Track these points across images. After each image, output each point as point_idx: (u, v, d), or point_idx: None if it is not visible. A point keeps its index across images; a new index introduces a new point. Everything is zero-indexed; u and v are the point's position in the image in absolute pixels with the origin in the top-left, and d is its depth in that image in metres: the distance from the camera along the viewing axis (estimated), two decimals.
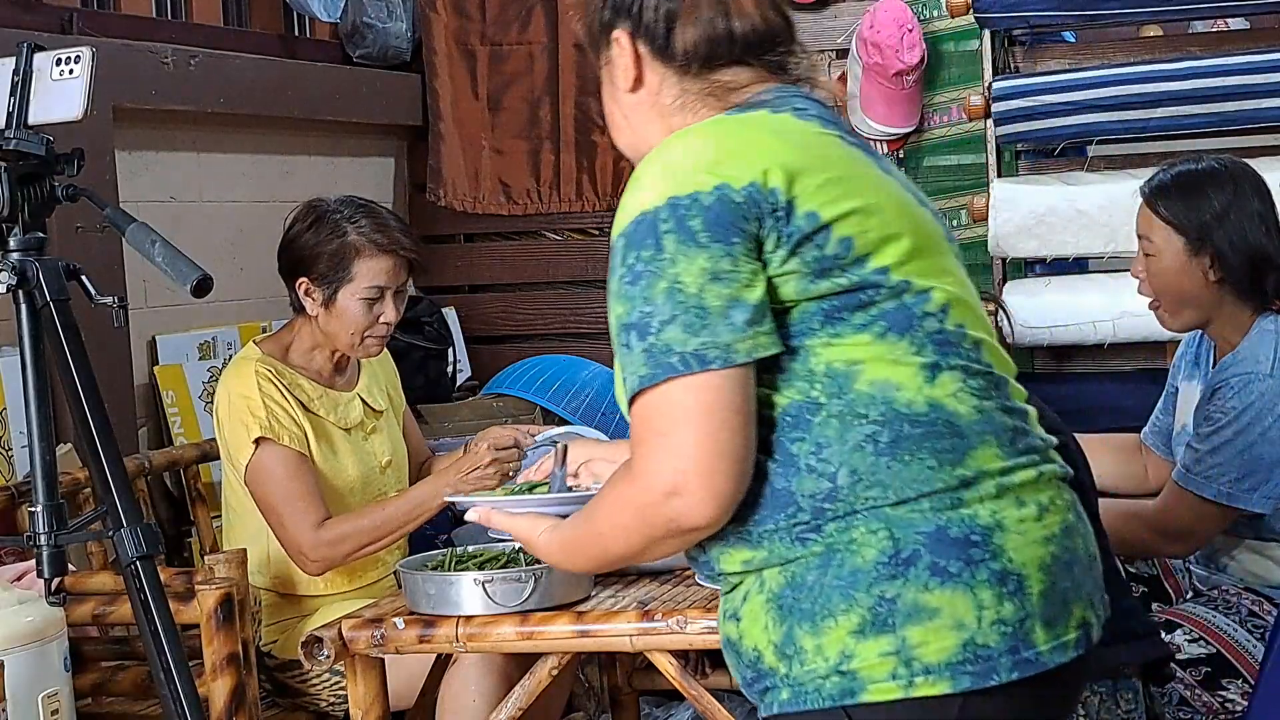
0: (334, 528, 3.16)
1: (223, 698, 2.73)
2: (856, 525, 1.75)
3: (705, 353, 1.71)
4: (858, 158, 1.86)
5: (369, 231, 3.27)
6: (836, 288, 1.77)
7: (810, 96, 1.93)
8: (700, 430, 1.72)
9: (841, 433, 1.76)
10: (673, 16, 1.90)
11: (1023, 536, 1.78)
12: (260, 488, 3.19)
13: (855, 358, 1.77)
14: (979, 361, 1.83)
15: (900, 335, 1.78)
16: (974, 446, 1.78)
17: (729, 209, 1.74)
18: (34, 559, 2.32)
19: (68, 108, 2.30)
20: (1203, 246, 2.97)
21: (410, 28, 5.16)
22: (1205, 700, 2.85)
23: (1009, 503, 1.79)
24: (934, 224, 1.90)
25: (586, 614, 2.56)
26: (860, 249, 1.78)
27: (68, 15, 3.97)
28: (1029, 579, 1.76)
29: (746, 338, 1.73)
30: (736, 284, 1.73)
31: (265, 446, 3.17)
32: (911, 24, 4.76)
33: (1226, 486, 2.89)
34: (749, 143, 1.80)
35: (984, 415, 1.80)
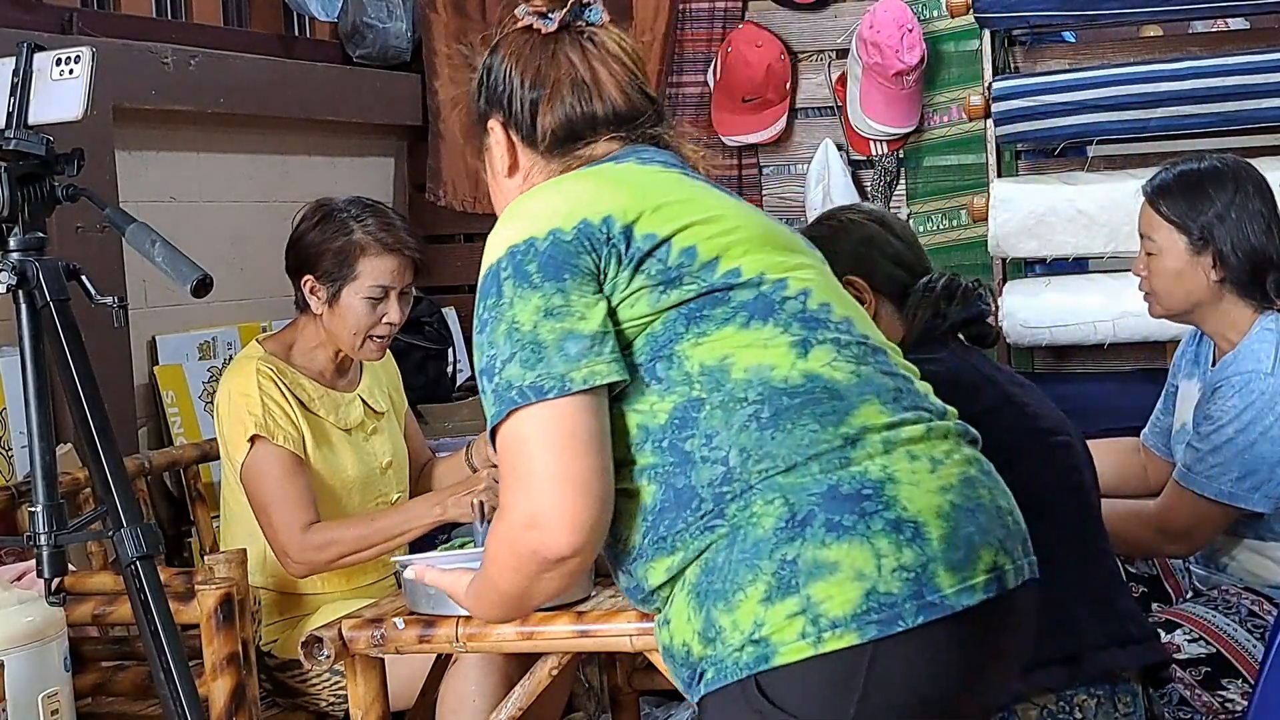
0: (321, 532, 3.15)
1: (223, 698, 2.73)
2: (754, 499, 1.82)
3: (542, 384, 1.81)
4: (699, 186, 2.00)
5: (375, 230, 3.27)
6: (689, 294, 1.87)
7: (662, 151, 2.06)
8: (547, 460, 1.81)
9: (726, 419, 1.84)
10: (536, 104, 2.05)
11: (916, 487, 1.83)
12: (253, 486, 3.19)
13: (725, 351, 1.86)
14: (850, 333, 1.93)
15: (764, 320, 1.88)
16: (855, 405, 1.86)
17: (560, 249, 1.86)
18: (34, 559, 2.32)
19: (68, 108, 2.30)
20: (1205, 246, 2.97)
21: (410, 28, 5.16)
22: (1205, 700, 2.85)
23: (899, 456, 1.85)
24: (788, 234, 2.03)
25: (586, 614, 2.56)
26: (705, 254, 1.89)
27: (68, 15, 3.97)
28: (926, 525, 1.81)
29: (581, 366, 1.82)
30: (570, 318, 1.84)
31: (260, 445, 3.17)
32: (911, 24, 4.77)
33: (1228, 486, 2.90)
34: (583, 190, 1.93)
35: (862, 378, 1.89)
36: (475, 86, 2.14)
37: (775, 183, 5.14)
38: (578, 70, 2.05)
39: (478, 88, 2.14)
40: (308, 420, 3.26)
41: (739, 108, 5.01)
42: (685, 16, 5.08)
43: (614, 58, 2.08)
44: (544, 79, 2.06)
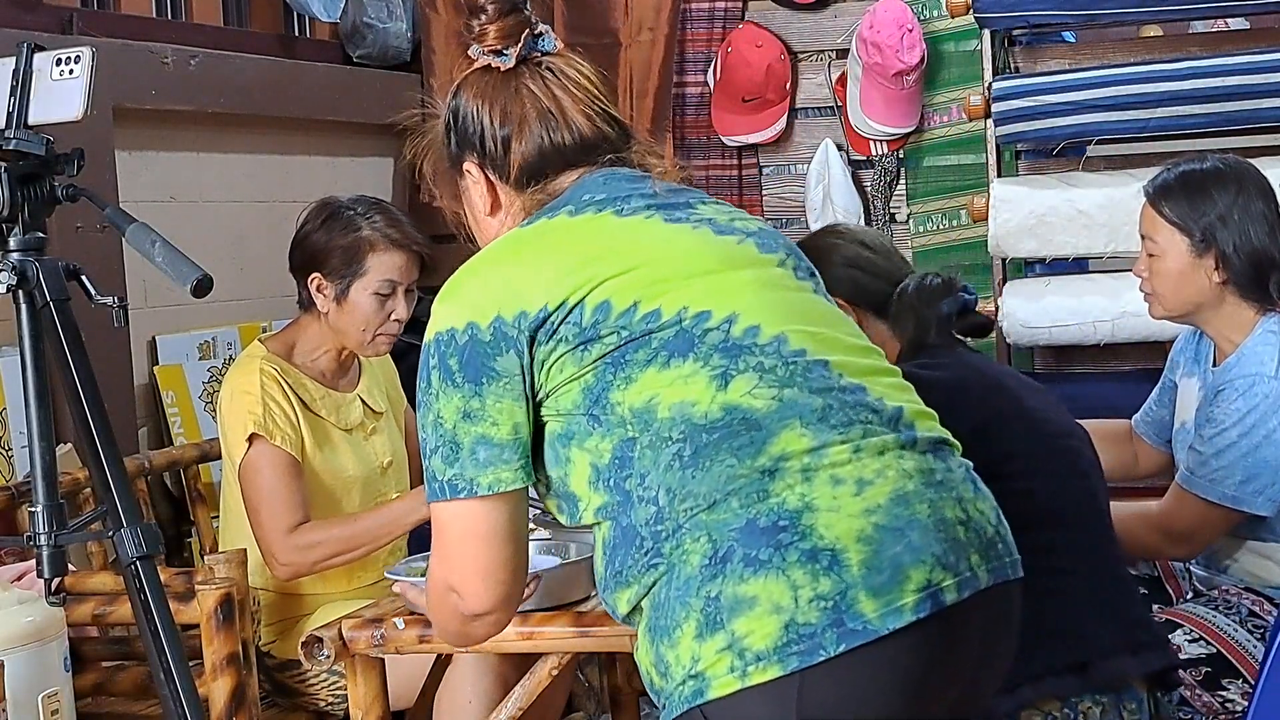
0: (306, 534, 3.15)
1: (223, 698, 2.73)
2: (684, 538, 1.85)
3: (456, 483, 1.97)
4: (630, 225, 2.01)
5: (382, 226, 3.29)
6: (610, 345, 1.91)
7: (613, 177, 2.07)
8: (460, 549, 2.00)
9: (655, 459, 1.88)
10: (508, 141, 2.09)
11: (836, 513, 1.83)
12: (247, 485, 3.20)
13: (651, 392, 1.90)
14: (780, 354, 1.92)
15: (684, 357, 1.90)
16: (774, 434, 1.86)
17: (478, 348, 1.95)
18: (34, 559, 2.32)
19: (68, 108, 2.30)
20: (1207, 248, 2.97)
21: (410, 28, 5.16)
22: (1205, 700, 2.85)
23: (820, 482, 1.85)
24: (733, 248, 2.02)
25: (586, 614, 2.56)
26: (620, 304, 1.92)
27: (68, 15, 3.97)
28: (845, 551, 1.81)
29: (489, 473, 1.95)
30: (483, 422, 1.95)
31: (258, 444, 3.17)
32: (911, 24, 4.77)
33: (1231, 489, 2.89)
34: (503, 276, 1.98)
35: (784, 402, 1.88)
36: (444, 131, 2.17)
37: (775, 183, 5.15)
38: (541, 101, 2.09)
39: (447, 132, 2.16)
40: (309, 421, 3.26)
41: (739, 108, 5.01)
42: (685, 16, 5.08)
43: (575, 84, 2.11)
44: (510, 115, 2.09)
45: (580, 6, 5.12)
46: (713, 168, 5.11)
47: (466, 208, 2.21)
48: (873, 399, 1.93)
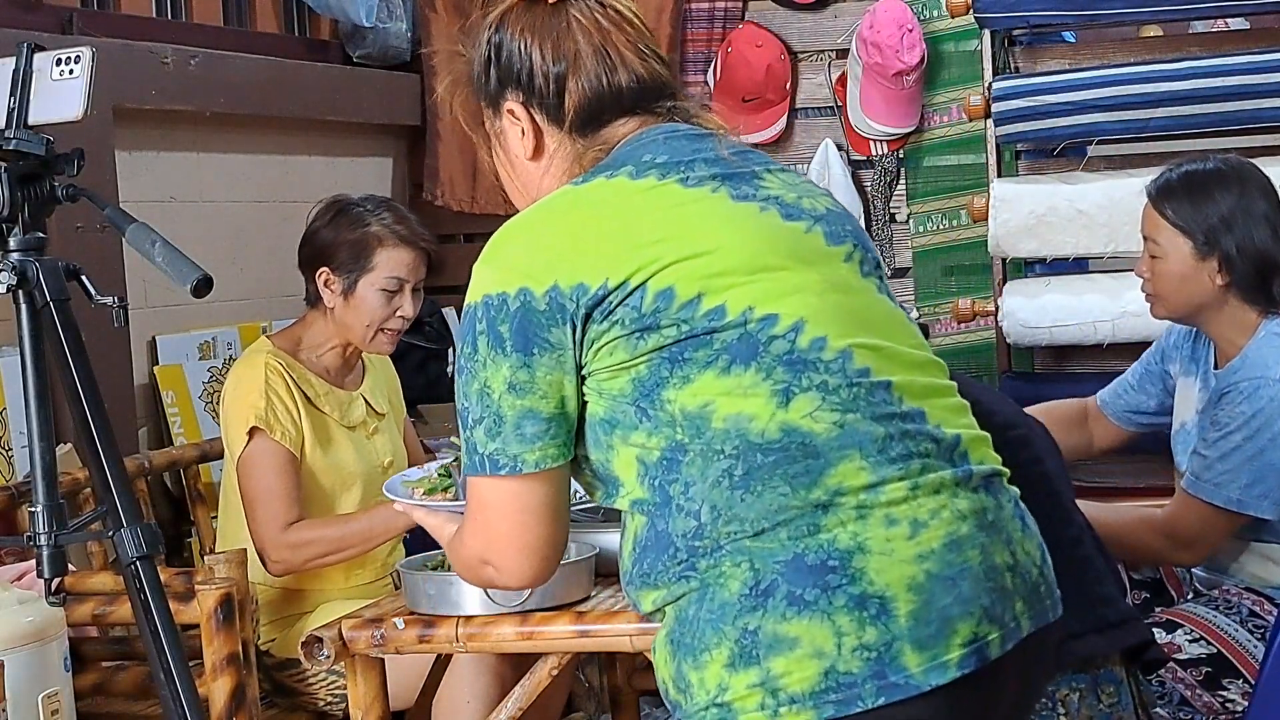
0: (298, 532, 3.16)
1: (223, 698, 2.73)
2: (723, 559, 1.78)
3: (498, 459, 1.86)
4: (696, 198, 1.87)
5: (391, 223, 3.32)
6: (668, 338, 1.80)
7: (674, 135, 1.94)
8: (502, 527, 1.89)
9: (703, 470, 1.79)
10: (561, 79, 1.94)
11: (888, 557, 1.75)
12: (245, 478, 3.20)
13: (706, 398, 1.80)
14: (845, 372, 1.81)
15: (746, 365, 1.80)
16: (832, 464, 1.77)
17: (530, 316, 1.82)
18: (34, 559, 2.32)
19: (68, 108, 2.30)
20: (1210, 251, 2.95)
21: (410, 28, 5.16)
22: (1206, 700, 2.85)
23: (875, 522, 1.76)
24: (798, 239, 1.89)
25: (586, 614, 2.56)
26: (684, 294, 1.80)
27: (68, 15, 3.97)
28: (895, 600, 1.74)
29: (535, 449, 1.85)
30: (532, 396, 1.84)
31: (258, 438, 3.18)
32: (911, 24, 4.77)
33: (1236, 493, 2.87)
34: (561, 239, 1.85)
35: (846, 429, 1.78)
36: (482, 67, 2.00)
37: None
38: (594, 37, 1.94)
39: (485, 68, 1.99)
40: (312, 416, 3.26)
41: (739, 108, 5.01)
42: (686, 16, 5.08)
43: (627, 22, 1.97)
44: (565, 51, 1.93)
45: None
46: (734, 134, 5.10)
47: (500, 152, 2.05)
48: (932, 426, 1.84)
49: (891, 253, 5.01)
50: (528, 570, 1.91)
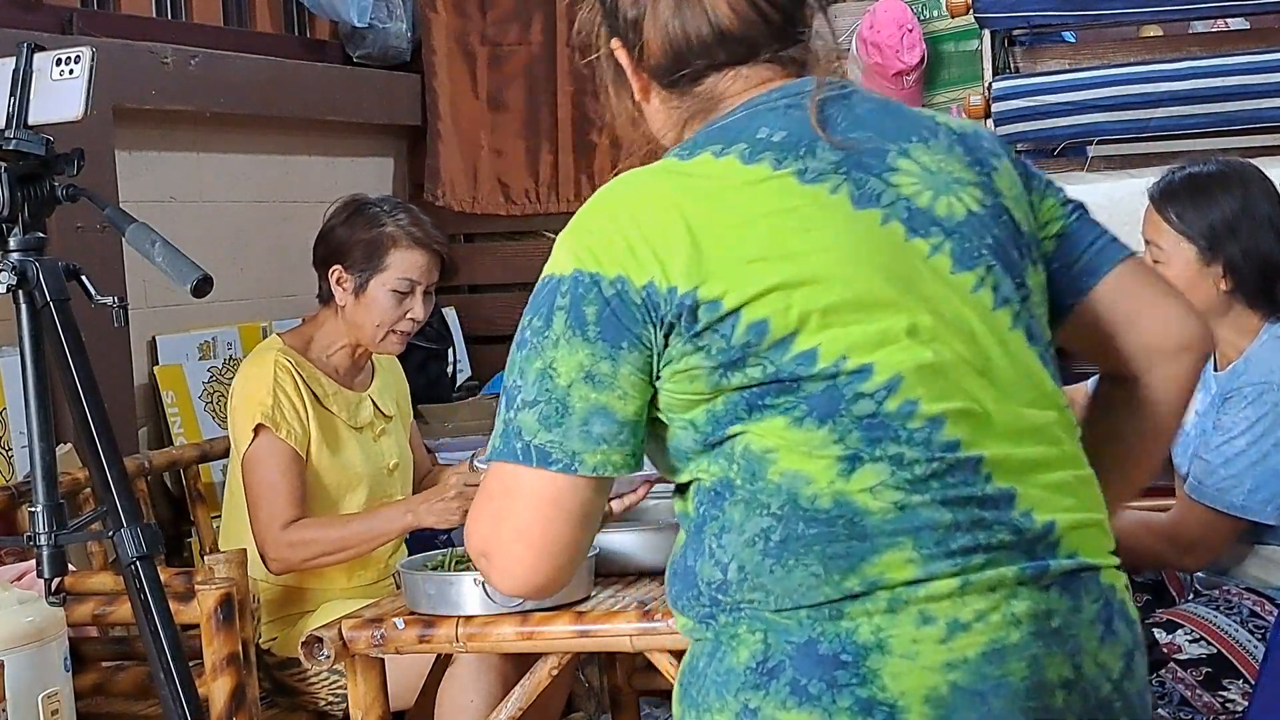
0: (297, 531, 3.16)
1: (223, 698, 2.73)
2: (740, 623, 1.60)
3: (550, 452, 1.61)
4: (812, 200, 1.63)
5: (406, 224, 3.31)
6: (753, 379, 1.59)
7: (798, 101, 1.68)
8: (516, 515, 1.64)
9: (743, 521, 1.60)
10: (638, 24, 1.73)
11: (910, 661, 1.54)
12: (248, 474, 3.21)
13: (770, 444, 1.59)
14: (929, 444, 1.58)
15: (821, 423, 1.58)
16: (878, 551, 1.56)
17: (625, 307, 1.60)
18: (34, 559, 2.32)
19: (68, 108, 2.30)
20: (1214, 257, 2.92)
21: (410, 28, 5.16)
22: (1206, 700, 2.85)
23: (907, 618, 1.55)
24: (918, 266, 1.64)
25: (586, 614, 2.56)
26: (778, 329, 1.58)
27: (68, 15, 3.97)
28: (905, 713, 1.53)
29: (597, 451, 1.61)
30: (610, 393, 1.61)
31: (263, 435, 3.18)
32: (911, 24, 4.76)
33: (1239, 499, 2.86)
34: (665, 226, 1.62)
35: (905, 512, 1.56)
36: (594, 4, 1.80)
37: None
38: None
39: (599, 3, 1.79)
40: (319, 416, 3.26)
41: None
42: None
43: None
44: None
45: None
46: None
47: (613, 98, 1.83)
48: (1018, 513, 1.59)
49: None
50: (536, 574, 1.65)
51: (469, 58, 5.23)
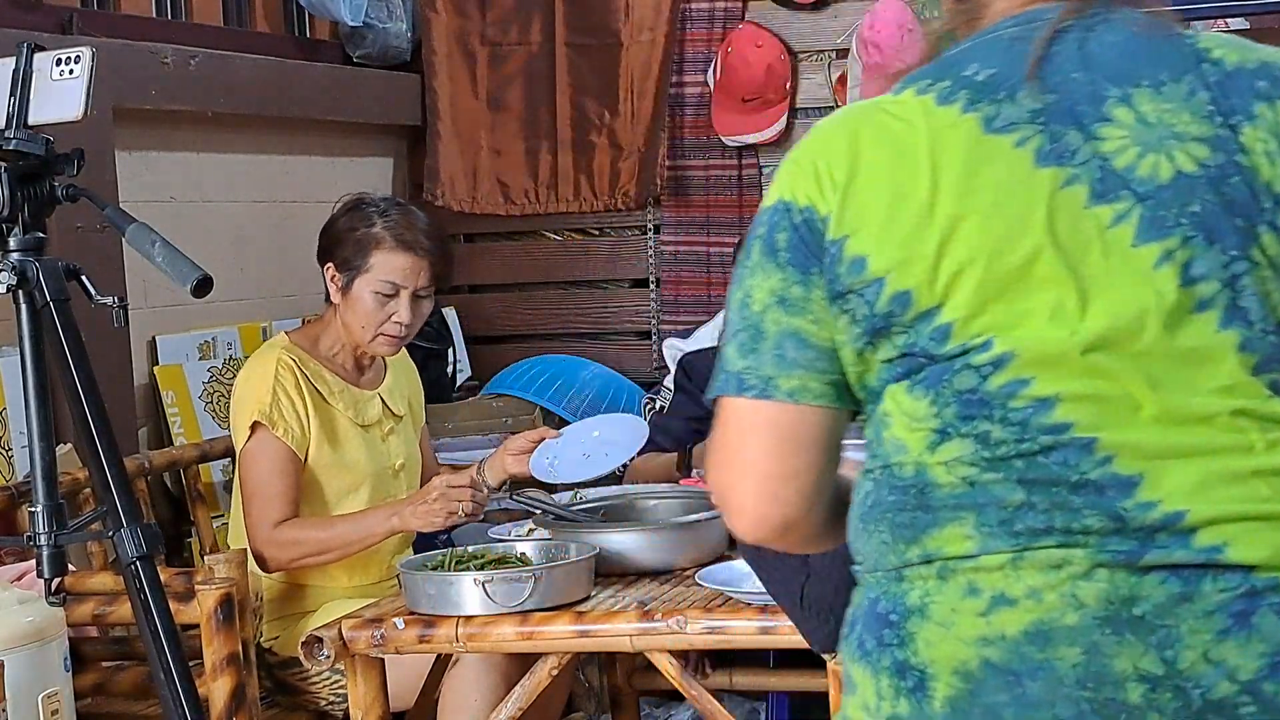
0: (286, 531, 3.16)
1: (223, 698, 2.73)
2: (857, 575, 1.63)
3: (745, 378, 1.57)
4: (988, 156, 1.53)
5: (394, 226, 3.28)
6: (896, 350, 1.54)
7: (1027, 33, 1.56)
8: (735, 450, 1.60)
9: (861, 481, 1.61)
10: None
11: (945, 629, 1.51)
12: (244, 471, 3.22)
13: (888, 409, 1.57)
14: (1026, 425, 1.51)
15: (926, 393, 1.54)
16: (938, 525, 1.53)
17: (814, 235, 1.56)
18: (34, 559, 2.32)
19: (68, 108, 2.30)
20: None
21: (410, 28, 5.16)
22: None
23: (952, 587, 1.51)
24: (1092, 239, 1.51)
25: (586, 614, 2.56)
26: (922, 301, 1.52)
27: (68, 15, 3.97)
28: (934, 680, 1.50)
29: (792, 376, 1.56)
30: (803, 317, 1.56)
31: (260, 433, 3.18)
32: (911, 24, 4.76)
33: None
34: (840, 161, 1.57)
35: (974, 488, 1.52)
36: None
37: None
38: None
39: None
40: (323, 413, 3.25)
41: (739, 108, 5.01)
42: (685, 17, 5.08)
43: None
44: None
45: (581, 7, 5.12)
46: (712, 168, 5.10)
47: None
48: (1133, 500, 1.49)
49: None
50: (761, 511, 1.59)
51: (469, 58, 5.23)
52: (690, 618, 2.50)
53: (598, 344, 5.19)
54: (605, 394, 4.74)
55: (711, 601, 2.57)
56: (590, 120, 5.12)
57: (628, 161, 5.09)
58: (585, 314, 5.23)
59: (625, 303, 5.22)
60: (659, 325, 5.12)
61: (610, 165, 5.10)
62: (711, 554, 2.81)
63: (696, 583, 2.66)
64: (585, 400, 4.70)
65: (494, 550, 2.77)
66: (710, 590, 2.61)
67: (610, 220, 5.21)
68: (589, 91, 5.13)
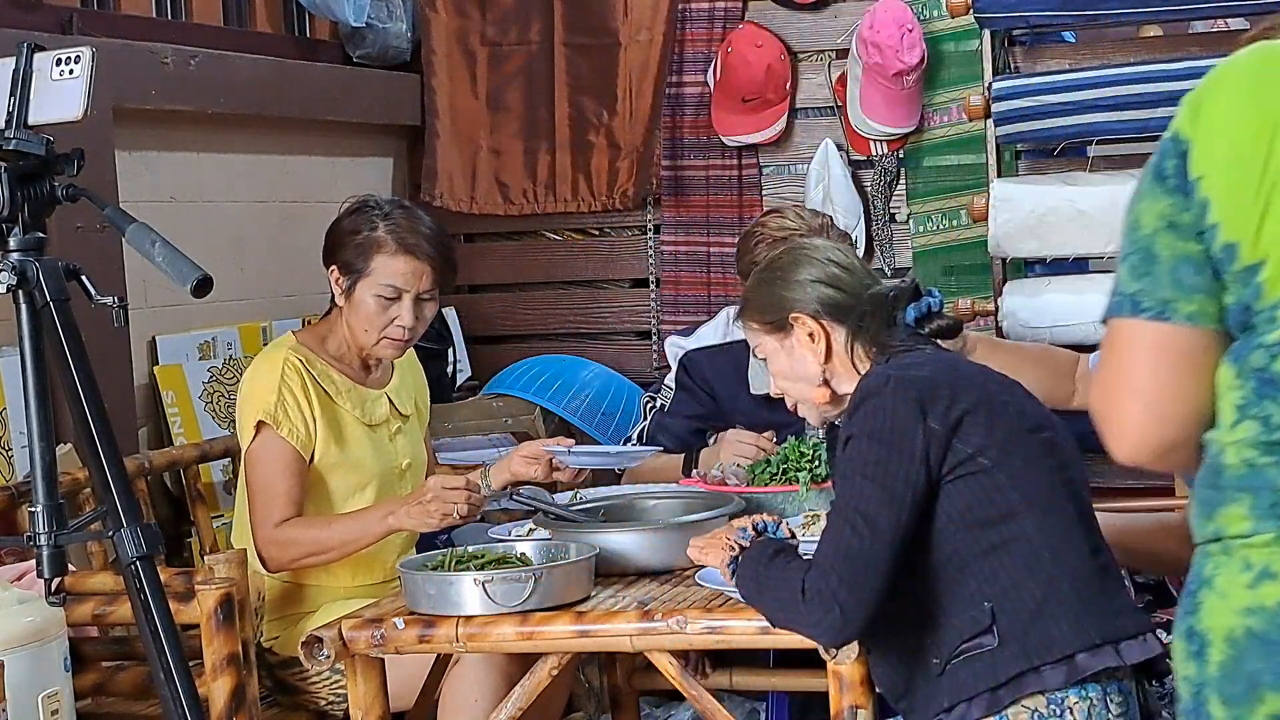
0: (287, 530, 3.16)
1: (223, 698, 2.73)
2: None
3: (1140, 299, 1.63)
4: None
5: (397, 230, 3.25)
6: (1228, 299, 1.62)
7: None
8: (1124, 370, 1.64)
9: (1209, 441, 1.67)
10: None
11: (1223, 599, 1.62)
12: (249, 471, 3.21)
13: (1219, 377, 1.65)
14: None
15: (1232, 364, 1.63)
16: (1222, 504, 1.63)
17: (1185, 167, 1.64)
18: (34, 559, 2.32)
19: (68, 108, 2.30)
20: None
21: (410, 28, 5.16)
22: None
23: (1233, 562, 1.62)
24: None
25: (586, 614, 2.56)
26: (1248, 255, 1.60)
27: (68, 15, 3.97)
28: (1210, 646, 1.63)
29: (1193, 300, 1.61)
30: (1193, 243, 1.61)
31: (264, 432, 3.18)
32: (911, 24, 4.76)
33: None
34: (1223, 101, 1.68)
35: (1253, 471, 1.61)
36: None
37: (775, 183, 5.14)
38: None
39: None
40: (329, 413, 3.25)
41: (739, 108, 5.01)
42: (685, 16, 5.08)
43: None
44: None
45: (579, 7, 5.12)
46: (713, 168, 5.10)
47: None
48: None
49: (891, 253, 5.01)
50: (1146, 432, 1.65)
51: (468, 58, 5.23)
52: (690, 618, 2.50)
53: (598, 344, 5.19)
54: (605, 394, 4.74)
55: (711, 601, 2.57)
56: (589, 120, 5.12)
57: (626, 161, 5.09)
58: (585, 314, 5.23)
59: (625, 303, 5.22)
60: (659, 325, 5.12)
61: (609, 165, 5.10)
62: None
63: (696, 583, 2.66)
64: (585, 400, 4.70)
65: (494, 550, 2.77)
66: (710, 590, 2.61)
67: (610, 220, 5.21)
68: (588, 91, 5.13)
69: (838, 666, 2.46)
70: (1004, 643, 2.32)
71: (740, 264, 3.55)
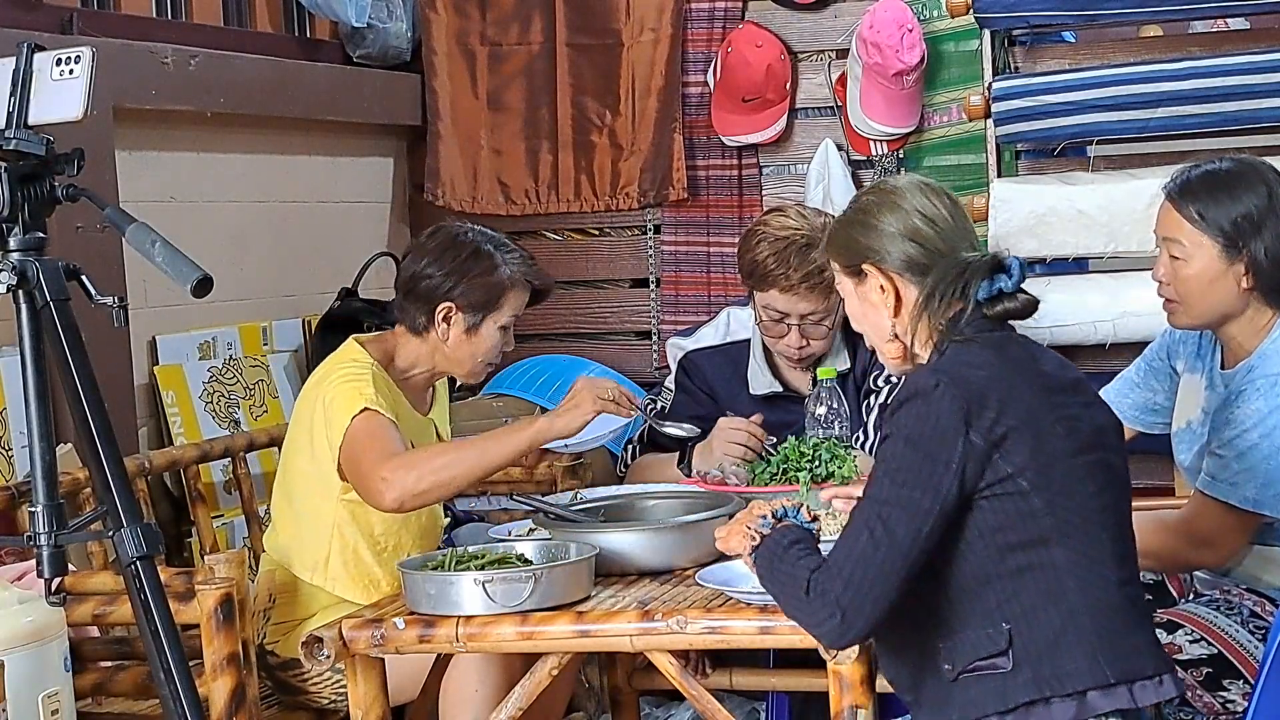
0: (415, 453, 3.13)
1: (223, 698, 2.74)
2: None
3: None
4: None
5: (519, 266, 3.36)
6: None
7: None
8: None
9: None
10: None
11: None
12: (357, 442, 3.13)
13: None
14: None
15: None
16: None
17: None
18: (34, 559, 2.32)
19: (68, 108, 2.30)
20: (1238, 254, 2.89)
21: (410, 28, 5.16)
22: (1206, 701, 2.85)
23: None
24: None
25: (586, 614, 2.56)
26: None
27: (68, 15, 3.97)
28: None
29: None
30: None
31: (368, 413, 3.14)
32: (911, 24, 4.76)
33: (1252, 493, 2.84)
34: None
35: None
36: None
37: (775, 183, 5.14)
38: None
39: None
40: None
41: (739, 108, 5.01)
42: (686, 16, 5.08)
43: None
44: None
45: (582, 7, 5.12)
46: (713, 168, 5.10)
47: None
48: None
49: None
50: None
51: (469, 58, 5.23)
52: (690, 618, 2.50)
53: (598, 344, 5.19)
54: None
55: (711, 601, 2.57)
56: (591, 120, 5.12)
57: (628, 161, 5.09)
58: (585, 314, 5.23)
59: (625, 303, 5.22)
60: (659, 325, 5.12)
61: (611, 165, 5.10)
62: (711, 554, 2.81)
63: (696, 583, 2.66)
64: None
65: (494, 550, 2.77)
66: (710, 590, 2.61)
67: (610, 220, 5.21)
68: (589, 91, 5.13)
69: (838, 666, 2.46)
70: (1018, 667, 2.28)
71: (741, 263, 3.56)
